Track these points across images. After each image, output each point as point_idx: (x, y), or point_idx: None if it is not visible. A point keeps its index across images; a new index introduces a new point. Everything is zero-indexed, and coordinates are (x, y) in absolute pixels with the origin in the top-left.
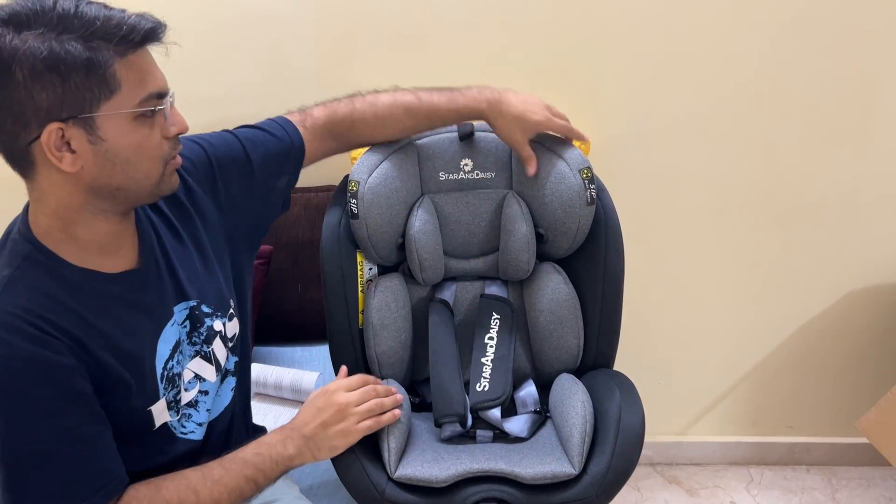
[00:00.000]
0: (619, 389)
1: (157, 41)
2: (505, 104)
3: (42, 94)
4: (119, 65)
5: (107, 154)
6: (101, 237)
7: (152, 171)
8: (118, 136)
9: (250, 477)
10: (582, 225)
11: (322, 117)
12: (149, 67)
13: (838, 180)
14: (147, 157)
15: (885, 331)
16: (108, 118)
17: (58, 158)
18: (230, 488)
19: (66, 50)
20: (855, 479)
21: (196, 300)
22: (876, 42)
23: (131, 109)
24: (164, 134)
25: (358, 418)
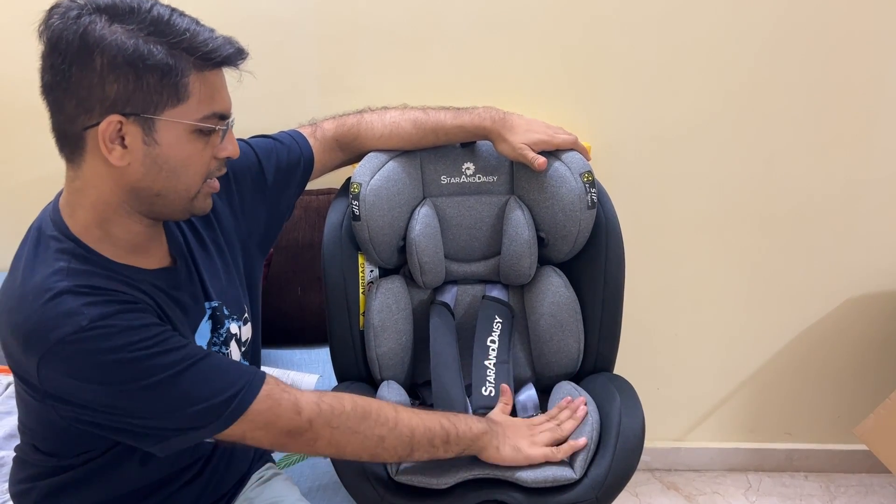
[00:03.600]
0: (619, 393)
1: (234, 66)
2: (509, 123)
3: (114, 85)
4: (194, 77)
5: (157, 158)
6: (133, 237)
7: (192, 186)
8: (172, 143)
9: (444, 426)
10: (583, 229)
11: (331, 129)
12: (220, 88)
13: (837, 187)
14: (193, 170)
15: (884, 338)
16: (167, 124)
17: (109, 150)
18: (425, 425)
19: (150, 50)
20: (853, 486)
21: (218, 301)
22: (875, 49)
23: (193, 122)
24: (216, 154)
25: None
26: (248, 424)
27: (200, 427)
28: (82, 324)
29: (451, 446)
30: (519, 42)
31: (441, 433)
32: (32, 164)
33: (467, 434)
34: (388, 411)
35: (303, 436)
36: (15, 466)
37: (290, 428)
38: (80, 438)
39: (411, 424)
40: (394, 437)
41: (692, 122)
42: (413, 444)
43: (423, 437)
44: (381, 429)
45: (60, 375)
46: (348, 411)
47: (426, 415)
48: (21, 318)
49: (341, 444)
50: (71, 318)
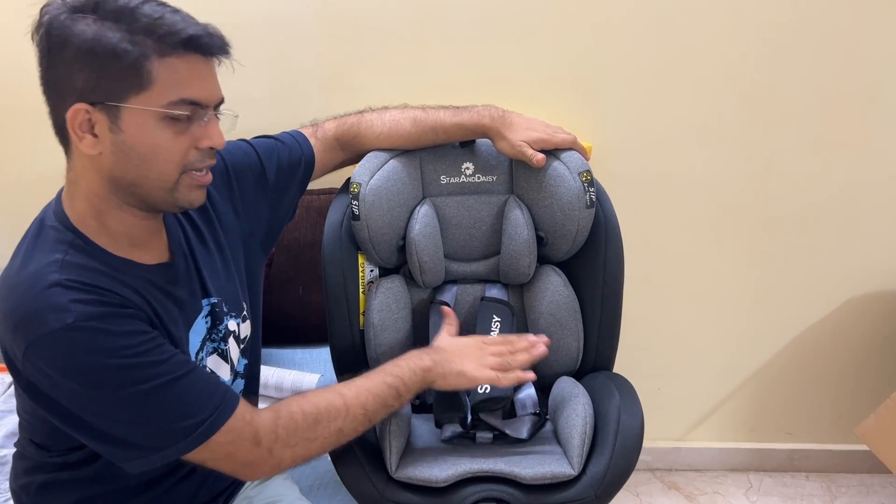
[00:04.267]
0: (618, 391)
1: (204, 52)
2: (508, 121)
3: (80, 74)
4: (157, 63)
5: (123, 146)
6: (129, 230)
7: (166, 175)
8: (138, 132)
9: (391, 384)
10: (581, 228)
11: (332, 128)
12: (193, 75)
13: (838, 187)
14: (163, 159)
15: (885, 338)
16: (132, 111)
17: (80, 139)
18: (374, 393)
19: (110, 38)
20: (854, 486)
21: (217, 298)
22: (875, 49)
23: (157, 109)
24: (196, 143)
25: (491, 361)
26: (209, 453)
27: (164, 447)
28: (67, 321)
29: (405, 396)
30: (521, 42)
31: (391, 392)
32: (31, 162)
33: (414, 378)
34: (336, 401)
35: (266, 464)
36: (15, 461)
37: (250, 460)
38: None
39: (360, 401)
40: (350, 422)
41: (693, 123)
42: (369, 416)
43: (376, 405)
44: (335, 423)
45: (43, 366)
46: (301, 424)
47: (371, 381)
48: (12, 306)
49: (304, 455)
50: (58, 312)
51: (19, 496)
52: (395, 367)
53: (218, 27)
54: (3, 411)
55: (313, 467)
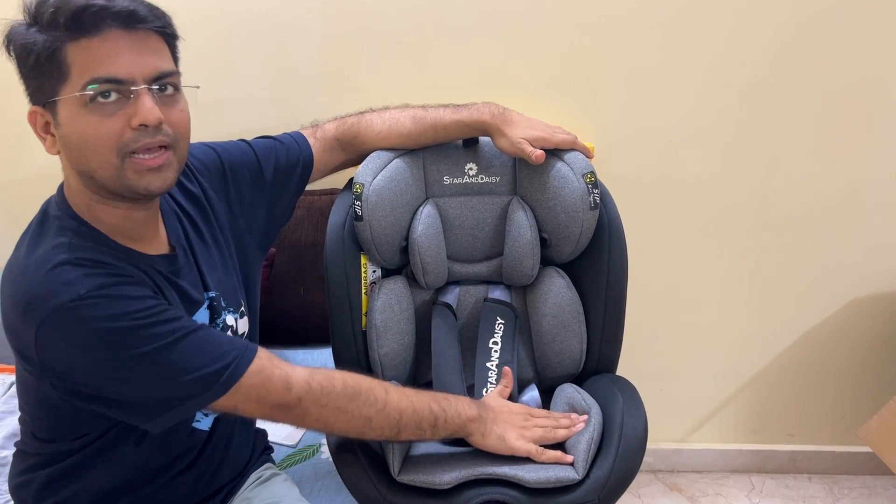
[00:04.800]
0: (621, 394)
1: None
2: (508, 118)
3: (27, 80)
4: (70, 49)
5: (65, 140)
6: (122, 223)
7: (106, 163)
8: (68, 122)
9: (434, 411)
10: (585, 229)
11: (332, 129)
12: (110, 52)
13: (841, 188)
14: (97, 145)
15: (888, 339)
16: (63, 103)
17: (43, 140)
18: (415, 408)
19: (28, 38)
20: (857, 487)
21: (215, 292)
22: (878, 48)
23: (76, 94)
24: (129, 124)
25: (533, 434)
26: (240, 397)
27: (192, 397)
28: (80, 292)
29: (439, 430)
30: (523, 43)
31: (429, 417)
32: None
33: (455, 420)
34: (379, 392)
35: (292, 411)
36: (15, 460)
37: (279, 402)
38: (77, 420)
39: (400, 407)
40: (381, 419)
41: (696, 124)
42: (400, 426)
43: (411, 419)
44: (369, 410)
45: (58, 343)
46: (338, 391)
47: (417, 397)
48: (22, 288)
49: (329, 421)
50: (69, 286)
51: (20, 493)
52: (445, 399)
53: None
54: (4, 412)
55: (314, 468)
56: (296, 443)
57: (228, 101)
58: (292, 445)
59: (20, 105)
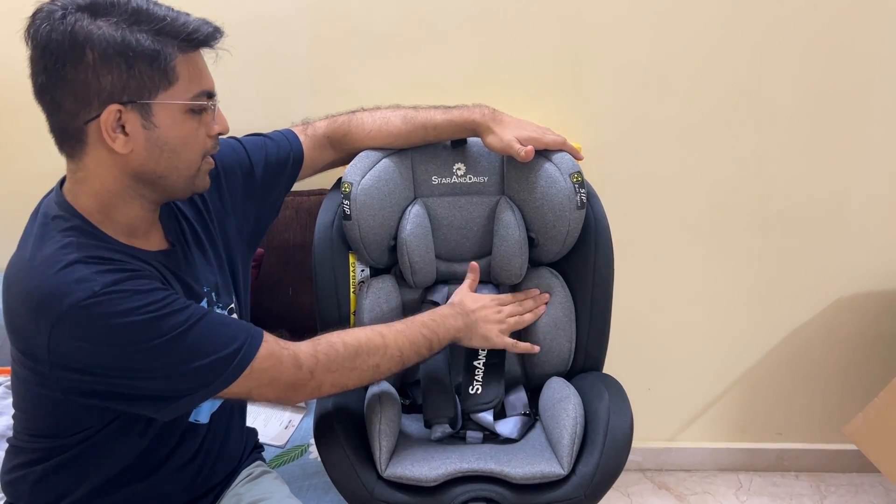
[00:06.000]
0: (607, 391)
1: (213, 45)
2: (499, 118)
3: (108, 76)
4: (180, 60)
5: (157, 140)
6: (133, 221)
7: (193, 163)
8: (170, 125)
9: (427, 336)
10: (572, 229)
11: (323, 126)
12: (203, 68)
13: (827, 188)
14: (191, 148)
15: (873, 338)
16: (163, 107)
17: (112, 139)
18: (411, 339)
19: (137, 39)
20: (843, 485)
21: (207, 288)
22: (864, 49)
23: (185, 102)
24: (208, 132)
25: (508, 327)
26: (253, 381)
27: (207, 384)
28: (95, 289)
29: (435, 348)
30: (511, 43)
31: (425, 342)
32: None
33: (446, 335)
34: (376, 339)
35: (307, 386)
36: (7, 457)
37: (293, 381)
38: (78, 415)
39: (398, 344)
40: (386, 361)
41: (683, 123)
42: (403, 360)
43: (411, 351)
44: (373, 358)
45: (73, 340)
46: (342, 353)
47: (410, 329)
48: (34, 286)
49: (342, 382)
50: (84, 283)
51: (14, 488)
52: (433, 321)
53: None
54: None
55: (303, 468)
56: (284, 443)
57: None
58: (280, 446)
59: (16, 105)
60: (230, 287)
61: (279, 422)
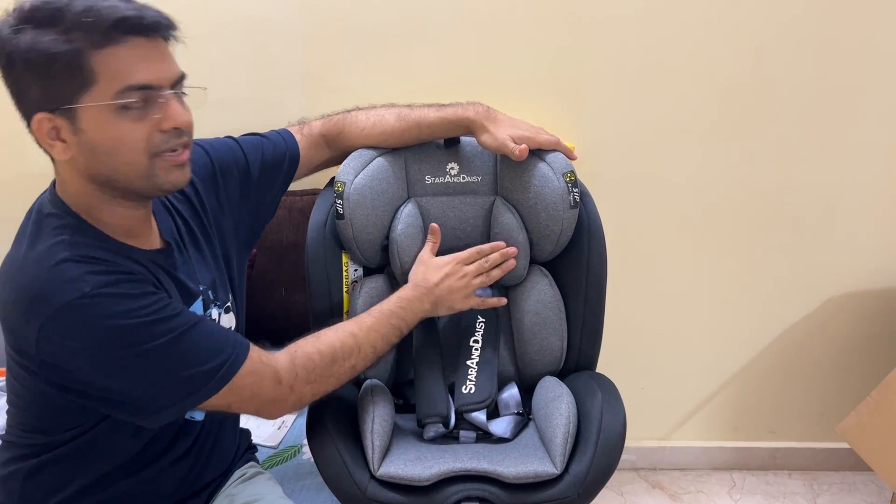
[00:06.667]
0: (600, 390)
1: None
2: (493, 116)
3: (33, 85)
4: (95, 57)
5: (88, 145)
6: (122, 221)
7: (136, 165)
8: (96, 129)
9: (396, 325)
10: (565, 228)
11: (318, 125)
12: (137, 59)
13: (820, 188)
14: (128, 149)
15: (866, 336)
16: (86, 110)
17: (50, 146)
18: (382, 334)
19: (46, 43)
20: (836, 483)
21: (204, 286)
22: (857, 51)
23: (106, 102)
24: (159, 127)
25: (473, 289)
26: (233, 396)
27: (190, 394)
28: (85, 290)
29: (405, 333)
30: (504, 42)
31: (395, 332)
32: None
33: (414, 320)
34: (349, 341)
35: (287, 400)
36: (0, 452)
37: (273, 397)
38: (69, 412)
39: (371, 341)
40: (362, 360)
41: (676, 123)
42: (377, 353)
43: (383, 343)
44: (349, 361)
45: (60, 339)
46: (318, 362)
47: (379, 322)
48: (25, 283)
49: (322, 390)
50: (74, 283)
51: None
52: (400, 308)
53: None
54: None
55: (296, 469)
56: (277, 444)
57: (212, 101)
58: (274, 446)
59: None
60: (227, 285)
61: (272, 422)
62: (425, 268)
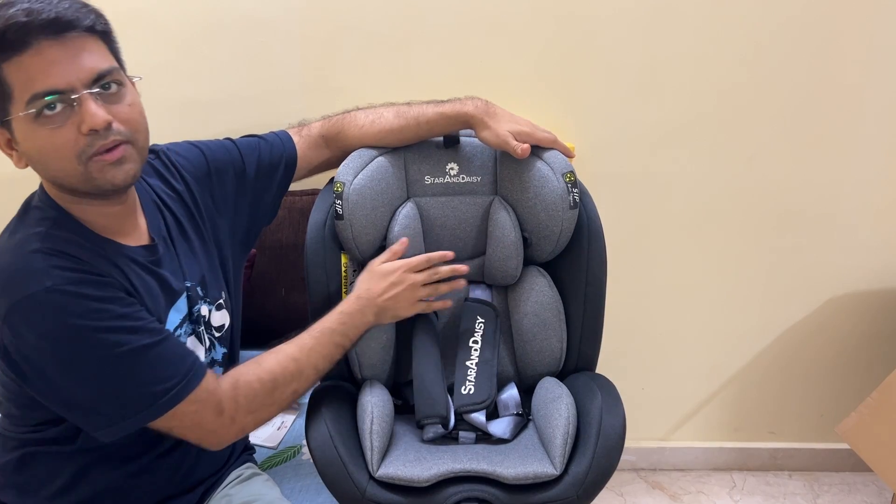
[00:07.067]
0: (600, 391)
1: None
2: (492, 111)
3: None
4: (7, 68)
5: (25, 154)
6: (99, 218)
7: (70, 171)
8: (25, 140)
9: (338, 343)
10: (565, 228)
11: (318, 126)
12: (41, 65)
13: (819, 188)
14: (57, 157)
15: (866, 337)
16: (15, 122)
17: (9, 156)
18: (324, 354)
19: None
20: (837, 484)
21: (192, 282)
22: (856, 51)
23: (22, 113)
24: (81, 130)
25: (420, 297)
26: (175, 421)
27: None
28: (46, 284)
29: (349, 349)
30: (503, 42)
31: (338, 350)
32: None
33: (357, 335)
34: (290, 366)
35: (228, 431)
36: None
37: (214, 428)
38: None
39: (312, 362)
40: (304, 383)
41: (676, 123)
42: (319, 373)
43: (326, 363)
44: (291, 386)
45: (20, 328)
46: (259, 391)
47: (319, 342)
48: None
49: (264, 418)
50: (38, 276)
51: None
52: (341, 324)
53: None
54: None
55: (296, 469)
56: (276, 444)
57: (211, 101)
58: (273, 447)
59: None
60: (221, 282)
61: (271, 423)
62: (370, 276)
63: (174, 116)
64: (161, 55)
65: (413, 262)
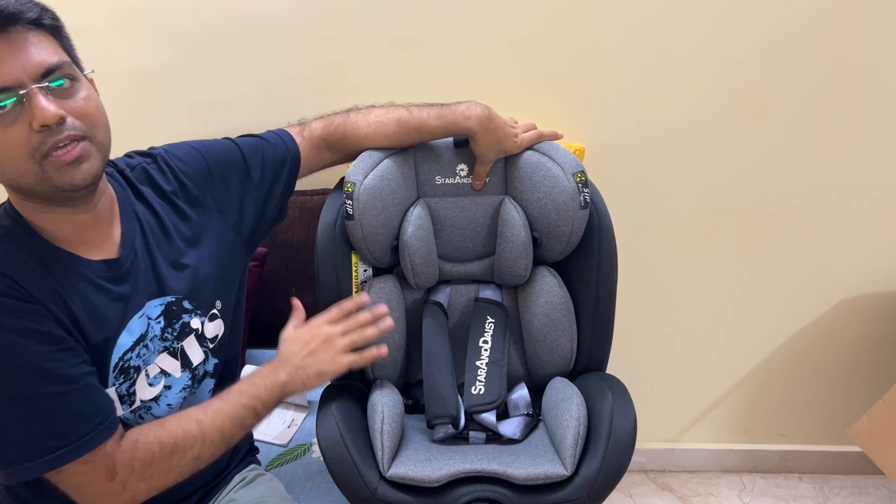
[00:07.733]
0: (611, 391)
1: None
2: (493, 123)
3: None
4: None
5: None
6: (59, 227)
7: (25, 171)
8: None
9: (248, 404)
10: (575, 229)
11: (319, 128)
12: None
13: (831, 188)
14: (11, 157)
15: (877, 339)
16: None
17: None
18: (231, 416)
19: None
20: (847, 487)
21: (176, 296)
22: (868, 50)
23: None
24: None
25: (343, 348)
26: (62, 480)
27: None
28: None
29: (263, 413)
30: (513, 42)
31: (248, 413)
32: None
33: (272, 396)
34: (193, 429)
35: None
36: None
37: (102, 494)
38: None
39: (217, 426)
40: (207, 448)
41: (686, 123)
42: (226, 439)
43: (233, 427)
44: (192, 451)
45: None
46: (157, 455)
47: (227, 405)
48: None
49: (159, 486)
50: None
51: None
52: (251, 385)
53: None
54: None
55: (305, 467)
56: (287, 442)
57: (220, 100)
58: (283, 445)
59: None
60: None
61: (282, 421)
62: (285, 341)
63: (184, 116)
64: (172, 55)
65: (325, 318)
